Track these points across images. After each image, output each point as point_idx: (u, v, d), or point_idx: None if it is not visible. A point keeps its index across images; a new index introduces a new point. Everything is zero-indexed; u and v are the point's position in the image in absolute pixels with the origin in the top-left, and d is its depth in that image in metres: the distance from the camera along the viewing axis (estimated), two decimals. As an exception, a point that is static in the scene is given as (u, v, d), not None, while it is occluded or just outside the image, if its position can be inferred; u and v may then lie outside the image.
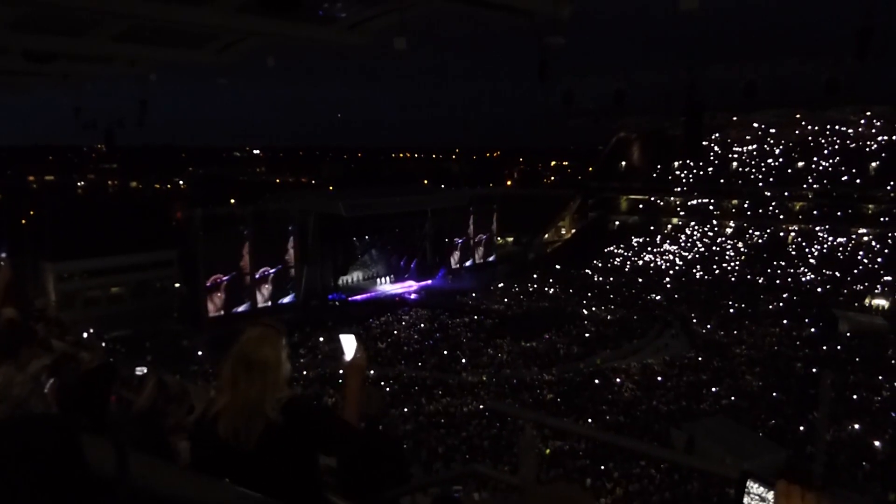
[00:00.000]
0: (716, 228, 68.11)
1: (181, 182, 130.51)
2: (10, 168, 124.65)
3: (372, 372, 33.56)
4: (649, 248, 67.07)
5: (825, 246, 60.33)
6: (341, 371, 3.74)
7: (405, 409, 27.91)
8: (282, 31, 9.50)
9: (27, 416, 1.43)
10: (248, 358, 2.90)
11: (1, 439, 1.35)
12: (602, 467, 20.83)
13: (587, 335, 41.79)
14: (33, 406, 3.39)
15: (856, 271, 54.64)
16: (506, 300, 52.60)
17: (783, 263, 58.72)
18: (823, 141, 67.77)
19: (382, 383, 31.78)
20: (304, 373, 32.95)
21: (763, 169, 69.69)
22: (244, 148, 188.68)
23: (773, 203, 66.65)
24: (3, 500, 1.27)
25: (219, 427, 2.85)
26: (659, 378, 33.42)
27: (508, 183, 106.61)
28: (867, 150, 65.02)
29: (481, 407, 27.20)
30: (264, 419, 2.82)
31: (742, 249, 63.36)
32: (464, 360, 36.73)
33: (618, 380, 32.85)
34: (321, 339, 38.81)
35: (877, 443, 24.36)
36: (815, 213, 63.77)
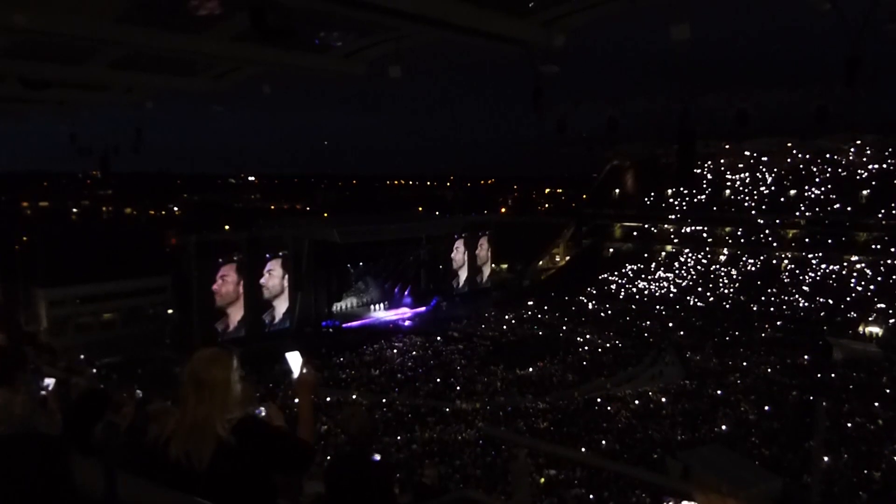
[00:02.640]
0: (709, 256, 68.27)
1: (176, 208, 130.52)
2: (5, 194, 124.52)
3: (364, 400, 33.38)
4: (643, 276, 67.17)
5: (818, 273, 60.49)
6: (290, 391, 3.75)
7: (398, 437, 27.71)
8: (277, 59, 9.59)
9: (16, 435, 1.42)
10: (198, 377, 2.91)
11: None
12: (597, 496, 20.66)
13: (582, 363, 41.67)
14: (37, 425, 3.37)
15: (849, 299, 54.77)
16: (500, 327, 52.47)
17: (777, 291, 58.85)
18: (815, 169, 68.24)
19: (377, 413, 31.57)
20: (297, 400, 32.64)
21: (755, 197, 70.06)
22: (239, 174, 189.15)
23: (766, 231, 66.94)
24: None
25: (170, 448, 2.85)
26: (654, 406, 33.30)
27: (502, 210, 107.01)
28: (858, 178, 65.48)
29: (477, 434, 27.05)
30: (215, 439, 2.82)
31: (736, 277, 63.49)
32: (458, 388, 36.54)
33: (610, 408, 32.70)
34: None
35: (874, 472, 24.23)
36: (807, 240, 64.01)
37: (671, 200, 74.45)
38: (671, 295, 62.03)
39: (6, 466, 1.38)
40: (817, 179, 67.60)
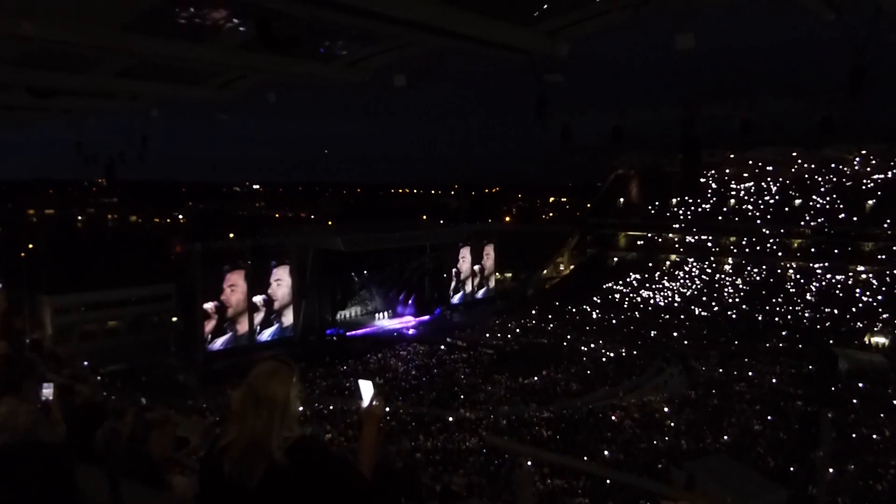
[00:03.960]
0: (714, 265, 68.14)
1: (181, 216, 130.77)
2: (10, 201, 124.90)
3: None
4: (648, 285, 67.03)
5: (823, 283, 60.33)
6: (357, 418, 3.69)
7: (402, 446, 27.64)
8: (282, 67, 9.63)
9: (21, 444, 1.43)
10: (258, 393, 2.84)
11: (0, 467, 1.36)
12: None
13: (586, 372, 41.55)
14: (40, 435, 3.36)
15: (854, 309, 54.58)
16: (504, 336, 52.39)
17: (782, 300, 58.67)
18: (820, 179, 68.16)
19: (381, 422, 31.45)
20: (301, 409, 32.65)
21: (760, 206, 69.98)
22: (244, 183, 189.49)
23: (771, 240, 66.81)
24: None
25: (224, 462, 2.81)
26: (658, 415, 33.16)
27: (507, 219, 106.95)
28: (863, 187, 65.39)
29: (480, 443, 26.97)
30: (268, 457, 2.75)
31: (740, 286, 63.33)
32: (461, 397, 36.47)
33: (615, 418, 32.57)
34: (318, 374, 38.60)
35: (880, 484, 24.09)
36: (812, 250, 63.87)
37: (676, 209, 74.39)
38: (676, 304, 61.86)
39: (12, 475, 1.38)
40: (822, 189, 67.51)
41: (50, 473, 1.41)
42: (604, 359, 44.74)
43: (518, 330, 54.39)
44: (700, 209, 73.17)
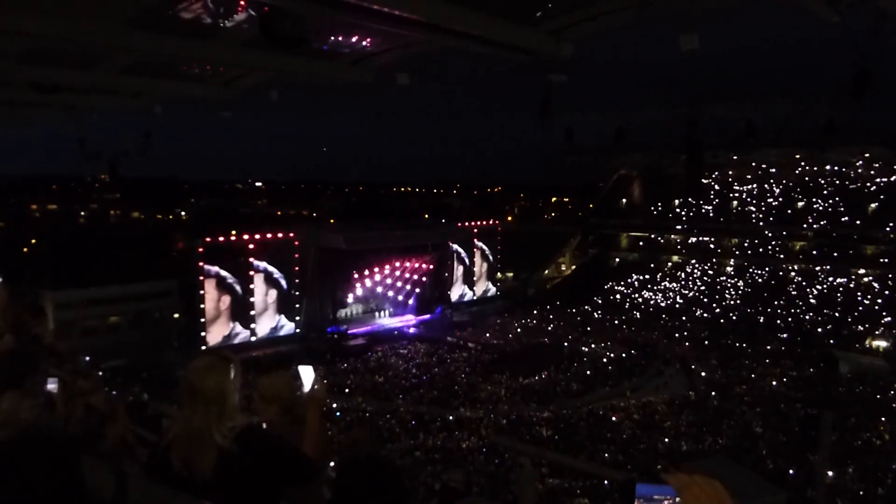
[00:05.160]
0: (716, 267, 68.08)
1: (183, 213, 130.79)
2: (13, 197, 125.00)
3: (368, 406, 33.36)
4: (649, 286, 66.99)
5: (825, 286, 60.25)
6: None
7: (401, 444, 27.68)
8: (285, 66, 9.64)
9: (29, 438, 1.43)
10: (193, 387, 2.91)
11: (5, 462, 1.36)
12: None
13: (587, 372, 41.54)
14: (45, 429, 3.35)
15: (856, 312, 54.51)
16: (505, 336, 52.39)
17: (783, 303, 58.60)
18: (823, 181, 68.05)
19: (381, 420, 31.55)
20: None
21: (763, 208, 69.88)
22: (246, 180, 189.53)
23: (773, 242, 66.73)
24: None
25: (171, 456, 2.85)
26: (658, 417, 33.16)
27: (509, 218, 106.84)
28: (866, 191, 65.28)
29: (480, 442, 27.01)
30: (215, 448, 2.81)
31: (742, 288, 63.27)
32: (462, 396, 36.48)
33: (615, 418, 32.57)
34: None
35: (880, 487, 24.07)
36: (814, 253, 63.79)
37: (678, 211, 74.30)
38: (677, 306, 61.82)
39: (17, 469, 1.39)
40: (825, 192, 67.40)
41: (56, 467, 1.42)
42: (604, 359, 44.73)
43: (519, 330, 54.39)
44: (702, 210, 73.08)
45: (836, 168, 67.35)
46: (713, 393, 37.10)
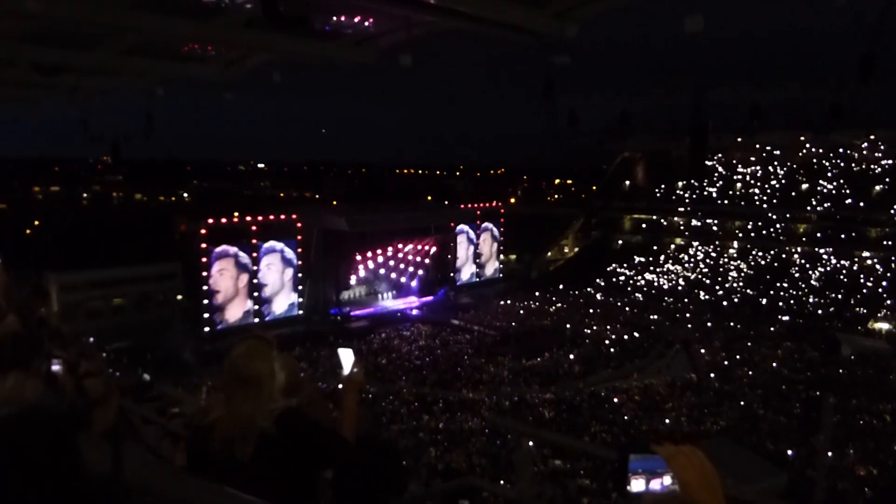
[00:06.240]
0: (719, 249, 68.04)
1: (186, 195, 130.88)
2: (17, 179, 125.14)
3: (371, 388, 33.49)
4: (652, 268, 67.01)
5: (829, 268, 60.23)
6: (339, 385, 3.75)
7: (404, 426, 27.84)
8: (288, 46, 9.60)
9: (25, 413, 1.44)
10: (241, 374, 2.91)
11: (2, 440, 1.38)
12: (602, 487, 20.69)
13: (589, 354, 41.66)
14: (46, 407, 3.35)
15: (859, 295, 54.52)
16: (508, 318, 52.50)
17: (786, 285, 58.62)
18: (827, 164, 67.84)
19: (384, 402, 31.71)
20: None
21: (767, 191, 69.72)
22: (249, 162, 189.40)
23: (777, 225, 66.64)
24: (3, 496, 1.29)
25: (213, 438, 2.86)
26: (659, 398, 33.29)
27: (512, 201, 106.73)
28: (871, 173, 65.08)
29: (482, 424, 27.14)
30: (258, 431, 2.83)
31: (745, 271, 63.28)
32: (464, 377, 36.63)
33: (616, 400, 32.71)
34: (322, 353, 38.79)
35: (881, 469, 24.17)
36: (818, 235, 63.70)
37: (681, 193, 74.19)
38: (680, 288, 61.87)
39: (15, 443, 1.40)
40: (829, 174, 67.22)
41: (54, 442, 1.43)
42: (607, 341, 44.85)
43: (522, 312, 54.51)
44: (706, 193, 72.95)
45: (840, 151, 67.12)
46: (715, 375, 37.21)
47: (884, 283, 55.19)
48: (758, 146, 70.72)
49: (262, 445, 2.83)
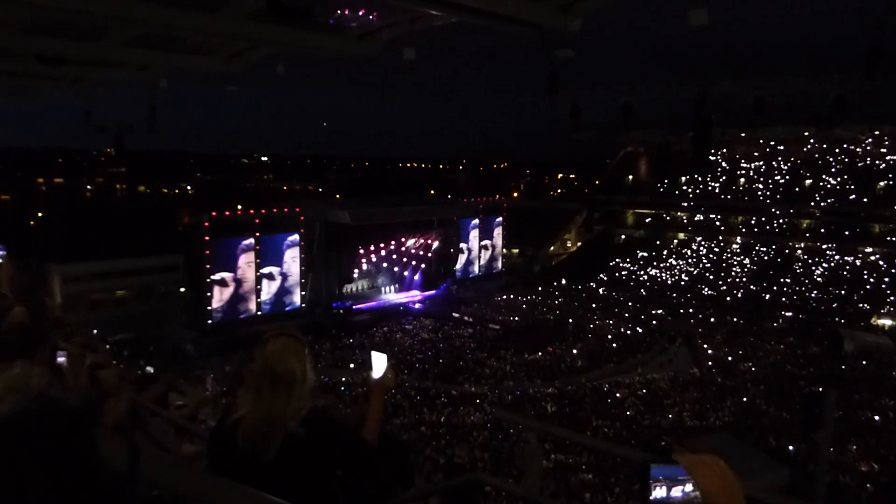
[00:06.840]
0: (722, 244, 67.93)
1: (189, 187, 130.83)
2: (20, 170, 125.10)
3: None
4: (655, 263, 66.92)
5: (832, 264, 60.10)
6: (363, 389, 3.73)
7: (407, 419, 27.87)
8: (291, 39, 9.57)
9: (41, 407, 1.43)
10: (274, 371, 2.85)
11: (15, 431, 1.37)
12: (604, 481, 20.73)
13: (592, 349, 41.67)
14: (55, 398, 3.32)
15: (862, 290, 54.41)
16: (510, 312, 52.52)
17: (789, 281, 58.52)
18: (831, 159, 67.64)
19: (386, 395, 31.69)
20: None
21: (770, 185, 69.55)
22: (252, 155, 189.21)
23: (780, 220, 66.49)
24: (17, 490, 1.28)
25: (238, 436, 2.84)
26: (662, 393, 33.29)
27: (515, 195, 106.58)
28: (875, 168, 64.88)
29: (485, 418, 27.17)
30: (283, 431, 2.80)
31: (748, 266, 63.16)
32: (467, 371, 36.66)
33: (619, 395, 32.72)
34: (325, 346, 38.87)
35: (883, 465, 24.16)
36: (822, 230, 63.57)
37: (685, 188, 74.04)
38: (682, 283, 61.82)
39: (31, 438, 1.39)
40: (833, 169, 67.02)
41: (71, 437, 1.42)
42: (609, 336, 44.85)
43: (524, 306, 54.54)
44: (709, 188, 72.79)
45: (844, 145, 66.91)
46: (717, 370, 37.20)
47: (887, 279, 55.06)
48: (761, 141, 70.49)
49: (286, 445, 2.79)
